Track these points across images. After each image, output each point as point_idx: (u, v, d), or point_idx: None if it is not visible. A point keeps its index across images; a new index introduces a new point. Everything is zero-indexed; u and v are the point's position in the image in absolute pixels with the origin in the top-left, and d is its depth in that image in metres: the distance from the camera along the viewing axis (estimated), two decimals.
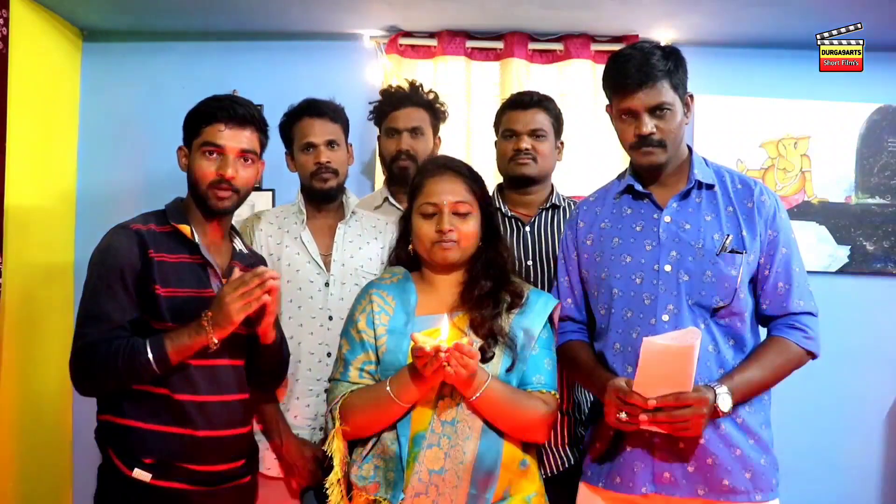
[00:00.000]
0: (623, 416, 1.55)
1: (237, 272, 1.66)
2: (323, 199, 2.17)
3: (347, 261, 2.14)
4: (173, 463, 1.67)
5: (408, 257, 1.78)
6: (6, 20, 2.55)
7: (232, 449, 1.76)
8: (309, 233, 2.16)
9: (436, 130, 2.48)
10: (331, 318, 2.10)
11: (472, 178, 1.73)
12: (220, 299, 1.62)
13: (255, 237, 2.17)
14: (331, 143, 2.14)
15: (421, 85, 2.48)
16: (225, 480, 1.75)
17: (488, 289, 1.66)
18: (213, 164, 1.75)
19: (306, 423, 2.09)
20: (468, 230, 1.68)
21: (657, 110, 1.66)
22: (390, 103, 2.43)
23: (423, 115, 2.42)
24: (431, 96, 2.47)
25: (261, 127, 1.82)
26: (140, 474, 1.65)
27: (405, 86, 2.48)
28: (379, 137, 2.51)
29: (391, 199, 2.44)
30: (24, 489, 2.70)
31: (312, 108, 2.16)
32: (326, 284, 2.11)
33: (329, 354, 2.08)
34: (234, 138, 1.75)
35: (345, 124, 2.21)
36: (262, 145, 1.85)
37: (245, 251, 1.91)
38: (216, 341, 1.63)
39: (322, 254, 2.14)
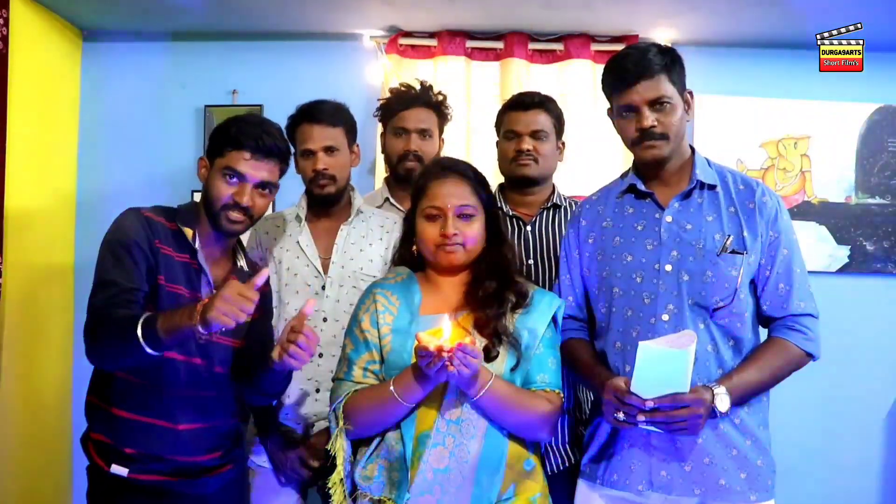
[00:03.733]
0: (621, 415, 1.55)
1: (245, 281, 1.60)
2: (323, 203, 2.17)
3: (347, 263, 2.14)
4: (152, 454, 1.70)
5: (411, 257, 1.78)
6: (6, 20, 2.55)
7: (209, 440, 1.78)
8: (308, 235, 2.16)
9: (441, 132, 2.47)
10: (325, 319, 2.10)
11: (476, 181, 1.72)
12: (217, 295, 1.51)
13: (259, 241, 2.18)
14: (329, 149, 2.12)
15: (431, 86, 2.46)
16: (205, 471, 1.77)
17: (493, 289, 1.66)
18: (231, 188, 1.75)
19: (297, 421, 2.10)
20: (473, 233, 1.68)
21: (657, 104, 1.67)
22: (401, 102, 2.41)
23: (431, 117, 2.41)
24: (440, 98, 2.45)
25: (284, 157, 1.82)
26: (117, 469, 1.68)
27: (413, 85, 2.46)
28: (383, 135, 2.49)
29: (391, 200, 2.44)
30: (24, 489, 2.70)
31: (310, 114, 2.14)
32: (323, 287, 2.12)
33: (321, 355, 2.08)
34: (256, 169, 1.75)
35: (347, 126, 2.18)
36: (282, 173, 1.85)
37: (246, 269, 1.89)
38: (201, 330, 1.51)
39: (322, 256, 2.14)
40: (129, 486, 1.69)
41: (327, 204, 2.17)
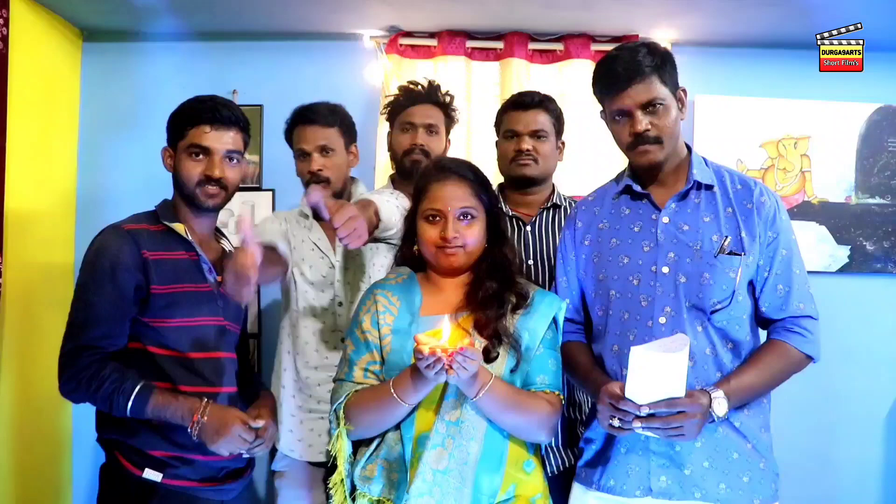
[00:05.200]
0: (616, 422, 1.53)
1: (261, 421, 1.70)
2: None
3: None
4: (183, 456, 1.69)
5: (412, 257, 1.78)
6: (6, 20, 2.55)
7: None
8: (319, 230, 2.19)
9: (448, 132, 2.48)
10: (340, 304, 2.14)
11: (477, 182, 1.71)
12: (221, 427, 1.64)
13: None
14: (323, 150, 2.13)
15: (439, 85, 2.46)
16: (230, 476, 1.78)
17: (493, 290, 1.66)
18: (200, 165, 1.77)
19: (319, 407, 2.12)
20: (473, 235, 1.68)
21: (649, 106, 1.65)
22: (409, 98, 2.42)
23: (438, 114, 2.41)
24: (448, 99, 2.45)
25: (244, 127, 1.84)
26: (151, 474, 1.67)
27: (421, 83, 2.46)
28: (390, 133, 2.49)
29: None
30: (23, 489, 2.70)
31: (304, 115, 2.16)
32: (333, 268, 2.15)
33: (343, 340, 2.08)
34: (220, 139, 1.78)
35: (343, 126, 2.19)
36: (246, 144, 1.86)
37: (233, 250, 1.91)
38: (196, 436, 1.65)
39: (333, 247, 2.18)
40: (158, 492, 1.68)
41: None
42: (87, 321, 1.68)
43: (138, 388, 1.64)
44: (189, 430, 1.64)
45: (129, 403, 1.63)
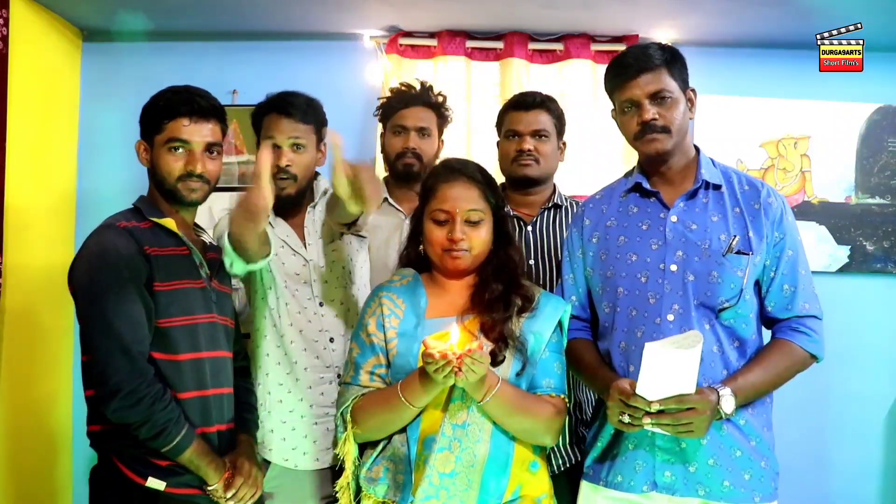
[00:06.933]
0: (626, 418, 1.55)
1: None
2: (280, 202, 2.06)
3: (316, 241, 2.11)
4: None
5: (417, 257, 1.77)
6: (6, 20, 2.55)
7: (231, 440, 1.79)
8: (286, 226, 2.10)
9: (440, 133, 2.46)
10: (321, 304, 2.08)
11: (485, 184, 1.71)
12: (241, 480, 1.71)
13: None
14: (295, 146, 2.02)
15: (431, 87, 2.45)
16: None
17: (499, 292, 1.66)
18: (181, 159, 1.72)
19: (324, 411, 2.05)
20: (480, 238, 1.67)
21: (657, 97, 1.68)
22: (400, 101, 2.40)
23: (431, 116, 2.40)
24: (440, 99, 2.44)
25: (221, 117, 1.79)
26: (154, 483, 1.62)
27: (413, 85, 2.45)
28: (383, 135, 2.48)
29: (390, 200, 2.43)
30: (24, 490, 2.70)
31: (281, 105, 2.03)
32: (315, 280, 2.09)
33: (332, 340, 2.07)
34: (199, 132, 1.73)
35: (317, 122, 2.07)
36: (224, 134, 1.81)
37: (214, 243, 1.90)
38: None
39: (304, 243, 2.11)
40: (160, 499, 1.64)
41: (286, 204, 2.09)
42: (126, 328, 1.60)
43: (187, 427, 1.62)
44: (213, 485, 1.66)
45: (178, 438, 1.60)
